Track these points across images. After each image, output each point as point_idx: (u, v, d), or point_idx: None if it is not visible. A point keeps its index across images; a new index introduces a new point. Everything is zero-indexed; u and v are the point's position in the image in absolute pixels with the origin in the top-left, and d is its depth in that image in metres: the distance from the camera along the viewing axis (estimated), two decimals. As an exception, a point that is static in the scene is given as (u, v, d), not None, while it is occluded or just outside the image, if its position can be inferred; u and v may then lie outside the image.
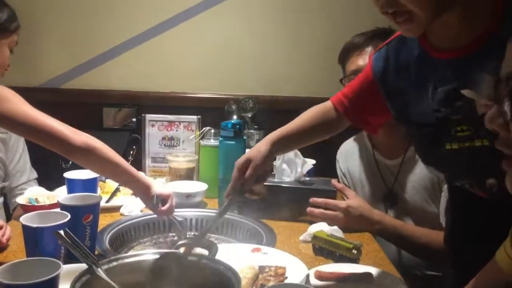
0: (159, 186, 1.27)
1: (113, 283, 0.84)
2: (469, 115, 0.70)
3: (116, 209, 1.51)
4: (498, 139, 0.65)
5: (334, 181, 1.54)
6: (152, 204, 1.23)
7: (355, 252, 1.19)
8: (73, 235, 0.89)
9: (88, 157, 1.13)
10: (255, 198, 1.32)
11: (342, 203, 1.42)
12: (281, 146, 1.24)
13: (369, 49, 1.59)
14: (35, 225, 1.03)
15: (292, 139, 1.26)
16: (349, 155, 1.79)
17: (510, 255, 0.79)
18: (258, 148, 1.22)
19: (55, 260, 0.88)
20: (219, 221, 1.19)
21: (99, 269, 0.85)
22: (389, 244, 1.51)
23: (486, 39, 0.92)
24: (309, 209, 1.42)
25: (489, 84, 0.65)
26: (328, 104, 1.27)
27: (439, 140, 1.01)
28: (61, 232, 0.90)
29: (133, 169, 1.22)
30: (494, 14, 0.92)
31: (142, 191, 1.23)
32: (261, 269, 1.09)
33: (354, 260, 1.19)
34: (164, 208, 1.24)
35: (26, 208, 1.39)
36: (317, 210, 1.42)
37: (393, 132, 1.56)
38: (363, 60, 1.58)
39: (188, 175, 1.74)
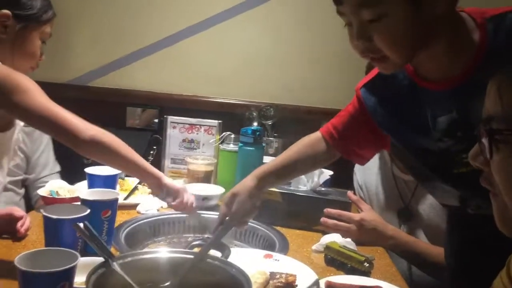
0: (171, 179, 1.28)
1: (127, 278, 0.86)
2: (471, 144, 0.70)
3: (133, 207, 1.54)
4: (482, 176, 0.67)
5: (349, 193, 1.55)
6: (162, 196, 1.25)
7: (367, 265, 1.19)
8: (91, 228, 0.91)
9: (94, 151, 1.15)
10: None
11: (356, 216, 1.43)
12: (268, 181, 1.25)
13: None
14: (55, 217, 1.06)
15: (280, 173, 1.26)
16: (367, 168, 1.79)
17: (506, 286, 0.78)
18: (244, 183, 1.24)
19: (72, 251, 0.90)
20: (208, 251, 1.15)
21: (114, 263, 0.87)
22: (402, 261, 1.51)
23: (475, 66, 0.92)
24: (322, 219, 1.43)
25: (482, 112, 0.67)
26: (317, 135, 1.27)
27: (444, 166, 1.01)
28: (80, 224, 0.93)
29: (143, 162, 1.23)
30: (480, 39, 0.92)
31: (153, 182, 1.25)
32: (272, 275, 1.10)
33: (365, 273, 1.19)
34: (175, 203, 1.25)
35: (47, 200, 1.43)
36: (330, 221, 1.43)
37: None
38: None
39: (206, 178, 1.76)
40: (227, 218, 1.22)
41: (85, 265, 0.89)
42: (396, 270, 1.26)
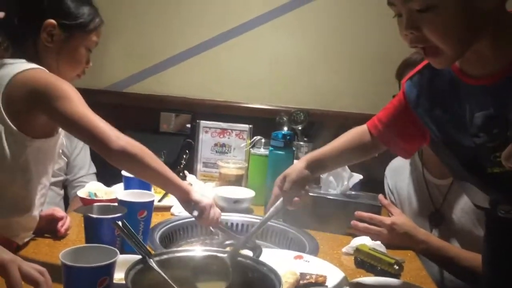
0: (199, 194, 1.26)
1: (163, 275, 0.90)
2: (507, 141, 0.71)
3: (167, 208, 1.58)
4: None
5: (381, 196, 1.55)
6: (189, 210, 1.24)
7: (397, 267, 1.20)
8: (129, 227, 0.96)
9: (123, 162, 1.15)
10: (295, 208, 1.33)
11: (387, 219, 1.43)
12: (316, 166, 1.27)
13: None
14: (95, 216, 1.12)
15: (328, 160, 1.28)
16: (398, 172, 1.79)
17: None
18: (294, 165, 1.26)
19: (112, 248, 0.95)
20: (260, 229, 1.21)
21: (151, 260, 0.91)
22: (433, 265, 1.50)
23: None
24: (353, 222, 1.44)
25: None
26: (364, 127, 1.29)
27: (479, 164, 1.02)
28: (119, 223, 0.97)
29: (172, 175, 1.21)
30: None
31: (181, 197, 1.24)
32: (302, 276, 1.12)
33: (395, 275, 1.20)
34: (202, 219, 1.24)
35: (86, 201, 1.49)
36: (361, 224, 1.44)
37: None
38: None
39: (237, 181, 1.80)
40: (279, 199, 1.23)
41: (123, 262, 0.93)
42: (426, 274, 1.27)
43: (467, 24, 0.91)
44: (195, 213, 1.22)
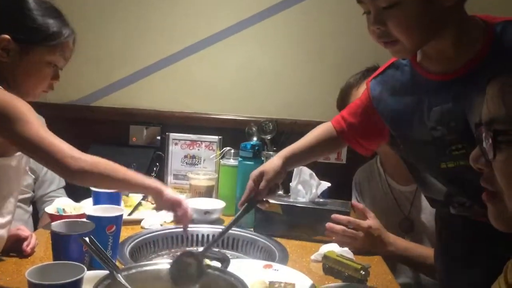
0: (171, 190, 1.24)
1: (130, 288, 0.90)
2: (463, 134, 0.76)
3: (137, 222, 1.58)
4: (483, 177, 0.70)
5: (354, 202, 1.59)
6: (166, 209, 1.22)
7: (363, 273, 1.23)
8: (97, 242, 0.96)
9: (86, 181, 1.13)
10: (265, 208, 1.36)
11: (363, 223, 1.45)
12: (292, 161, 1.32)
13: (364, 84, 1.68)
14: (62, 232, 1.11)
15: (302, 155, 1.33)
16: (363, 182, 1.83)
17: None
18: (272, 162, 1.29)
19: (79, 264, 0.95)
20: (231, 227, 1.23)
21: (119, 275, 0.92)
22: (407, 268, 1.54)
23: (478, 62, 0.99)
24: (328, 224, 1.44)
25: (479, 108, 0.70)
26: (329, 123, 1.35)
27: (435, 159, 1.07)
28: (86, 239, 0.97)
29: (141, 181, 1.18)
30: (486, 37, 0.99)
31: (155, 197, 1.22)
32: (271, 284, 1.14)
33: (362, 281, 1.23)
34: (179, 215, 1.21)
35: (54, 218, 1.47)
36: (338, 227, 1.43)
37: None
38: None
39: (208, 192, 1.81)
40: (252, 195, 1.26)
41: (91, 278, 0.94)
42: (392, 278, 1.30)
43: (429, 20, 0.98)
44: (171, 211, 1.21)
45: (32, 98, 1.23)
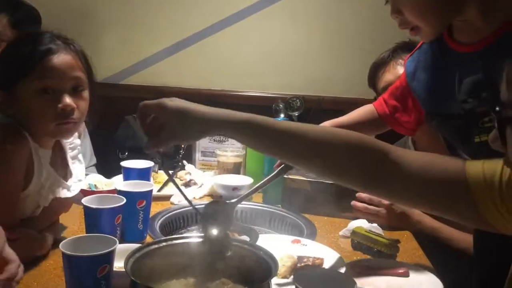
0: None
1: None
2: (495, 105, 0.74)
3: (167, 198, 1.60)
4: (504, 158, 0.68)
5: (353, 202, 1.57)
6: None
7: (392, 248, 1.22)
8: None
9: None
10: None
11: (385, 200, 1.45)
12: None
13: (394, 63, 1.66)
14: (95, 206, 1.14)
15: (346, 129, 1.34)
16: None
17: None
18: None
19: (111, 237, 0.97)
20: (265, 185, 1.20)
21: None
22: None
23: (507, 29, 0.96)
24: (353, 202, 1.46)
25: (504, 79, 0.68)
26: (371, 105, 1.38)
27: (468, 133, 1.05)
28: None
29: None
30: None
31: None
32: (300, 259, 1.15)
33: (391, 255, 1.22)
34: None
35: (86, 193, 1.51)
36: (360, 204, 1.45)
37: (436, 139, 1.57)
38: (391, 74, 1.66)
39: (235, 169, 1.81)
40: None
41: (123, 251, 0.95)
42: (422, 253, 1.29)
43: (442, 1, 0.97)
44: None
45: (53, 136, 1.17)
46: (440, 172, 0.83)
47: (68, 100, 1.11)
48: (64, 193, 1.24)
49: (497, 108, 0.65)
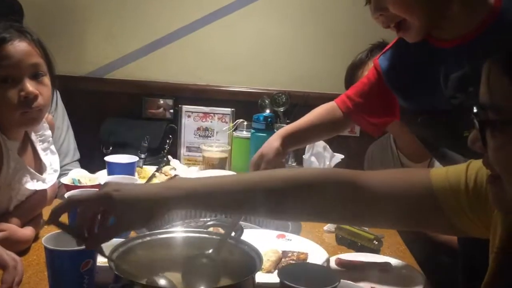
0: None
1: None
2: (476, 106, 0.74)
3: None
4: (483, 159, 0.67)
5: None
6: None
7: (376, 243, 1.23)
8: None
9: None
10: None
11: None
12: (291, 141, 1.30)
13: (372, 63, 1.66)
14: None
15: (302, 135, 1.31)
16: (376, 157, 1.82)
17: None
18: (270, 143, 1.28)
19: (95, 232, 0.96)
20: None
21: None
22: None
23: (491, 22, 0.97)
24: None
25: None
26: (333, 104, 1.32)
27: (457, 128, 1.05)
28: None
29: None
30: (496, 3, 0.98)
31: None
32: (284, 253, 1.15)
33: (375, 250, 1.23)
34: None
35: (69, 188, 1.49)
36: None
37: None
38: None
39: (221, 164, 1.81)
40: None
41: (107, 246, 0.94)
42: (405, 248, 1.30)
43: None
44: None
45: (19, 125, 1.17)
46: (407, 188, 0.83)
47: (30, 87, 1.11)
48: (39, 185, 1.23)
49: (476, 110, 0.64)
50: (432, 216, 0.82)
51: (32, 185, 1.21)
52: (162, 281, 0.89)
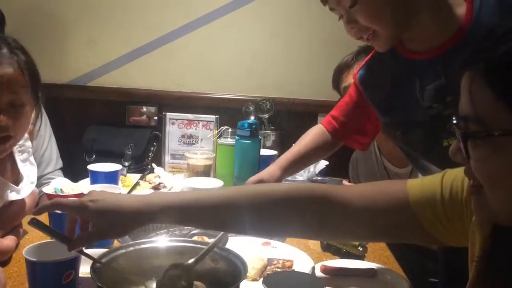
0: None
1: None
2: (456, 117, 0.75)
3: (136, 201, 1.57)
4: (464, 170, 0.67)
5: (345, 181, 1.59)
6: None
7: (361, 249, 1.24)
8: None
9: None
10: None
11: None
12: (291, 170, 1.36)
13: (357, 66, 1.68)
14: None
15: (299, 162, 1.36)
16: (360, 162, 1.83)
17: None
18: (272, 172, 1.32)
19: (77, 242, 0.94)
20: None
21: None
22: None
23: (464, 32, 0.99)
24: None
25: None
26: (320, 127, 1.37)
27: (436, 137, 1.06)
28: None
29: None
30: (467, 14, 1.00)
31: None
32: (270, 261, 1.15)
33: (360, 257, 1.23)
34: None
35: (51, 197, 1.47)
36: None
37: None
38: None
39: (205, 172, 1.80)
40: None
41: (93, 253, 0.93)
42: (390, 253, 1.30)
43: (395, 4, 1.00)
44: None
45: None
46: (384, 204, 0.83)
47: (1, 116, 1.07)
48: (13, 196, 1.21)
49: (456, 121, 0.64)
50: (410, 229, 0.83)
51: (6, 195, 1.19)
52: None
